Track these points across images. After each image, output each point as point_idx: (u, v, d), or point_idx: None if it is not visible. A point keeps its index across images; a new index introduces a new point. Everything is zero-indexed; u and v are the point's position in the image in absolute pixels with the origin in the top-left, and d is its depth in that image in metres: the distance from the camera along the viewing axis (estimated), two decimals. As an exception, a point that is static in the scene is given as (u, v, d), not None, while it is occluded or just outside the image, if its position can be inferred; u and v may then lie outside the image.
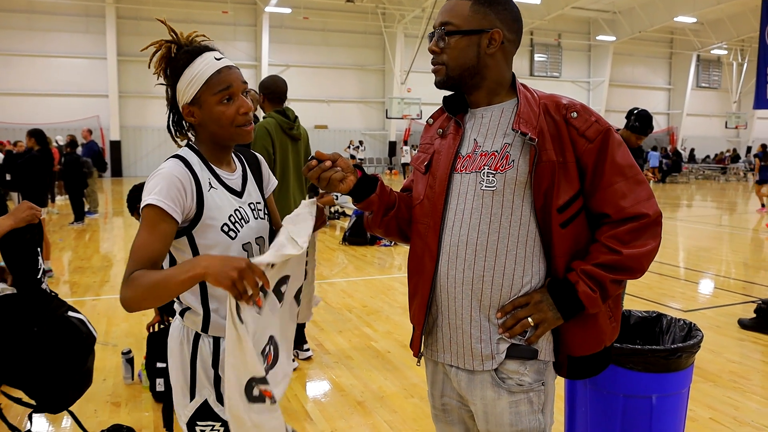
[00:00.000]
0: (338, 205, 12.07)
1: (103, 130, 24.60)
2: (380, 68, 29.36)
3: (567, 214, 1.55)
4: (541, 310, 1.56)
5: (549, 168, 1.53)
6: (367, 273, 7.63)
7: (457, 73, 1.61)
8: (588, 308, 1.56)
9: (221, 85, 1.60)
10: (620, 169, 1.55)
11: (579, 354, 1.65)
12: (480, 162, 1.59)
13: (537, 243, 1.59)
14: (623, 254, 1.52)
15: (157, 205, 1.50)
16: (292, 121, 4.04)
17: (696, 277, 7.55)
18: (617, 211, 1.54)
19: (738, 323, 5.34)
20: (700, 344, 2.43)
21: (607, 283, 1.54)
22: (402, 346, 4.72)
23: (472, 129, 1.65)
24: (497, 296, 1.58)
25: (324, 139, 27.53)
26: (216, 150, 1.69)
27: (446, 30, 1.59)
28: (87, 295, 6.31)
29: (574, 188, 1.55)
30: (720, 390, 3.94)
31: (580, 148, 1.55)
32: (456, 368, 1.66)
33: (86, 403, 3.69)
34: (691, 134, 35.08)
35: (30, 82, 23.81)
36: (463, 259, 1.58)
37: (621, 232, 1.54)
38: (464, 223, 1.59)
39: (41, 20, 23.90)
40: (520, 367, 1.59)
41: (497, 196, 1.56)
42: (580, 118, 1.55)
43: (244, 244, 1.66)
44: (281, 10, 25.24)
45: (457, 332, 1.63)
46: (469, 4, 1.58)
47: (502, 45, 1.60)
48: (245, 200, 1.72)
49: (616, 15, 29.49)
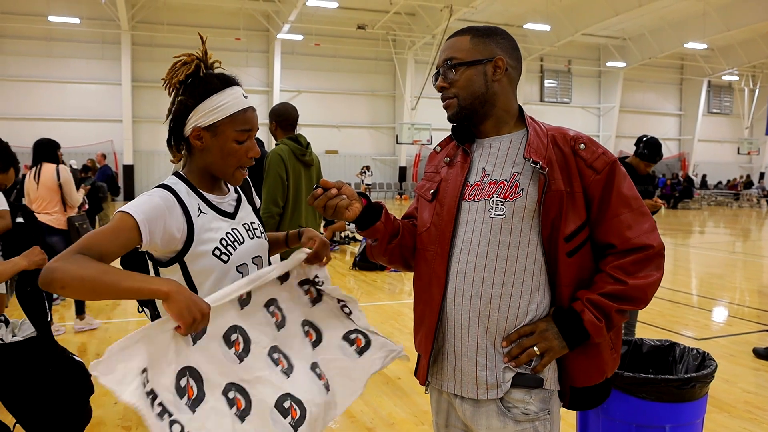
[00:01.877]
0: (349, 231, 12.10)
1: (116, 154, 24.90)
2: (391, 94, 29.60)
3: (574, 243, 1.58)
4: (547, 339, 1.57)
5: (557, 197, 1.55)
6: (377, 298, 7.62)
7: (468, 102, 1.64)
8: (593, 337, 1.57)
9: (245, 125, 1.63)
10: (626, 200, 1.58)
11: (582, 385, 1.66)
12: (489, 190, 1.61)
13: (543, 272, 1.60)
14: (629, 284, 1.55)
15: (132, 216, 1.46)
16: (304, 148, 4.09)
17: (709, 305, 7.48)
18: (623, 242, 1.57)
19: (753, 352, 5.27)
20: (714, 374, 2.41)
21: (613, 312, 1.56)
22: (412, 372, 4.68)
23: (480, 158, 1.68)
24: (503, 324, 1.59)
25: (334, 164, 27.70)
26: (207, 178, 1.69)
27: (452, 63, 1.65)
28: (99, 318, 6.33)
29: (581, 218, 1.58)
30: (735, 421, 3.88)
31: (587, 179, 1.58)
32: (461, 398, 1.66)
33: (97, 426, 3.69)
34: (703, 160, 34.97)
35: (46, 107, 24.26)
36: (470, 286, 1.60)
37: (626, 262, 1.56)
38: (472, 250, 1.60)
39: (58, 47, 24.43)
40: (526, 396, 1.59)
41: (506, 224, 1.58)
42: (587, 150, 1.59)
43: (238, 266, 1.66)
44: (293, 37, 25.62)
45: (462, 360, 1.63)
46: (468, 38, 1.65)
47: (506, 72, 1.65)
48: (239, 221, 1.72)
49: (626, 41, 29.66)
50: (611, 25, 26.52)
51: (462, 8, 22.08)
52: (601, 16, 24.34)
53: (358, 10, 25.13)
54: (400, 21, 26.07)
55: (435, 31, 24.56)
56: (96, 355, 5.06)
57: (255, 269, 1.71)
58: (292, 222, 3.98)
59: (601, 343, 1.62)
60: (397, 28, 26.54)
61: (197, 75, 1.65)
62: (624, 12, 23.20)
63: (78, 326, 5.78)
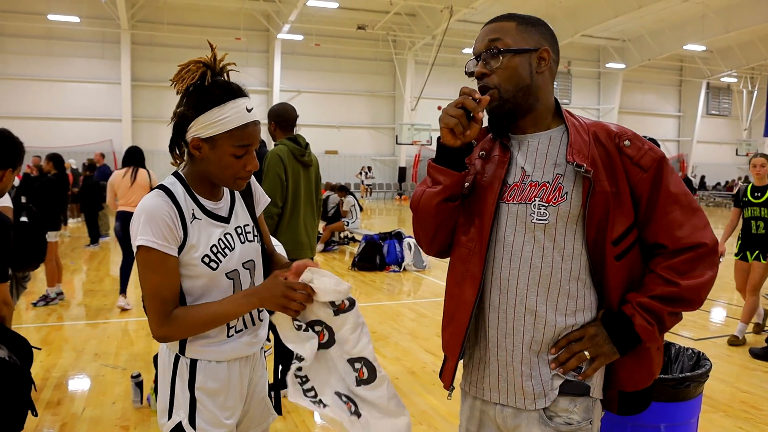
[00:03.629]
0: (348, 231, 12.11)
1: (116, 153, 24.88)
2: (390, 94, 29.63)
3: (622, 246, 1.50)
4: (597, 344, 1.50)
5: (602, 199, 1.47)
6: (375, 299, 7.63)
7: (511, 95, 1.52)
8: (645, 342, 1.50)
9: (242, 141, 1.60)
10: (675, 197, 1.49)
11: (632, 389, 1.60)
12: (530, 193, 1.52)
13: (589, 276, 1.53)
14: (681, 286, 1.46)
15: (153, 248, 1.53)
16: (303, 148, 4.10)
17: (707, 306, 7.49)
18: (673, 242, 1.49)
19: (749, 352, 5.29)
20: (709, 373, 2.43)
21: (665, 315, 1.49)
22: (410, 373, 4.71)
23: (519, 156, 1.57)
24: (550, 332, 1.51)
25: (334, 165, 27.72)
26: (205, 183, 1.69)
27: (499, 49, 1.52)
28: (98, 318, 6.35)
29: (629, 219, 1.50)
30: (731, 420, 3.90)
31: (634, 178, 1.49)
32: (502, 405, 1.58)
33: (96, 426, 3.71)
34: (702, 161, 35.02)
35: (45, 106, 24.28)
36: (514, 294, 1.52)
37: (677, 262, 1.48)
38: (515, 256, 1.52)
39: (58, 46, 24.44)
40: (570, 404, 1.51)
41: (549, 229, 1.50)
42: (633, 147, 1.50)
43: (228, 273, 1.67)
44: (293, 37, 25.64)
45: (507, 369, 1.55)
46: (515, 24, 1.54)
47: (549, 65, 1.55)
48: (232, 225, 1.72)
49: (625, 43, 29.70)
50: (611, 27, 26.55)
51: (462, 9, 22.10)
52: (601, 17, 24.38)
53: (359, 11, 25.16)
54: (400, 21, 26.10)
55: (435, 31, 24.59)
56: (95, 355, 5.07)
57: (247, 273, 1.72)
58: (291, 222, 3.99)
59: (651, 346, 1.55)
60: (397, 28, 26.57)
61: (201, 84, 1.62)
62: (624, 13, 23.25)
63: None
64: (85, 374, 4.65)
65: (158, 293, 1.56)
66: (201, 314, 1.59)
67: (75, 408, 3.99)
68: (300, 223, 4.07)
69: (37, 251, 3.68)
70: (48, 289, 6.97)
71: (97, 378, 4.56)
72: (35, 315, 6.47)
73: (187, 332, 1.60)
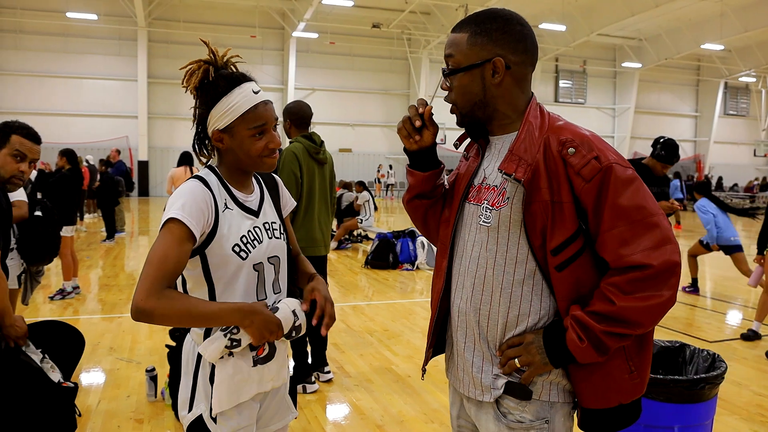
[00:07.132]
0: (361, 229, 12.14)
1: (131, 150, 25.11)
2: (405, 93, 29.61)
3: (562, 257, 1.45)
4: (530, 353, 1.49)
5: (541, 208, 1.45)
6: (388, 297, 7.64)
7: (467, 110, 1.57)
8: (576, 358, 1.45)
9: (256, 122, 1.66)
10: (623, 211, 1.40)
11: (590, 406, 1.53)
12: (482, 195, 1.58)
13: (538, 282, 1.51)
14: (616, 305, 1.39)
15: (185, 223, 1.55)
16: (318, 146, 4.11)
17: (723, 308, 7.43)
18: (615, 259, 1.41)
19: (766, 356, 5.24)
20: (724, 375, 2.41)
21: (599, 334, 1.41)
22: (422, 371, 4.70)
23: (487, 158, 1.63)
24: (494, 331, 1.55)
25: (348, 163, 27.76)
26: (237, 174, 1.74)
27: (450, 69, 1.56)
28: (113, 312, 6.41)
29: (569, 230, 1.44)
30: (746, 423, 3.87)
31: (577, 188, 1.44)
32: (467, 397, 1.65)
33: (110, 419, 3.75)
34: (719, 162, 34.68)
35: (62, 102, 24.53)
36: (468, 289, 1.58)
37: (622, 280, 1.40)
38: (466, 253, 1.60)
39: (76, 43, 24.69)
40: (519, 404, 1.53)
41: (492, 232, 1.53)
42: (577, 155, 1.44)
43: (255, 264, 1.70)
44: (308, 35, 25.72)
45: (464, 359, 1.62)
46: (466, 36, 1.53)
47: (508, 71, 1.51)
48: (261, 220, 1.76)
49: (641, 42, 29.45)
50: (627, 26, 26.35)
51: (477, 7, 22.02)
52: (617, 16, 24.20)
53: (373, 9, 25.16)
54: (415, 20, 26.07)
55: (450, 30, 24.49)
56: (110, 349, 5.12)
57: (271, 269, 1.75)
58: (305, 219, 4.01)
59: (612, 366, 1.48)
60: (412, 27, 26.54)
61: (207, 80, 1.69)
62: (640, 12, 23.06)
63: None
64: (100, 368, 4.69)
65: (163, 263, 1.52)
66: (189, 305, 1.54)
67: (90, 401, 4.03)
68: (314, 219, 4.09)
69: (51, 245, 3.73)
70: (65, 283, 7.06)
71: (112, 372, 4.60)
72: (52, 309, 6.55)
73: (168, 317, 1.51)
